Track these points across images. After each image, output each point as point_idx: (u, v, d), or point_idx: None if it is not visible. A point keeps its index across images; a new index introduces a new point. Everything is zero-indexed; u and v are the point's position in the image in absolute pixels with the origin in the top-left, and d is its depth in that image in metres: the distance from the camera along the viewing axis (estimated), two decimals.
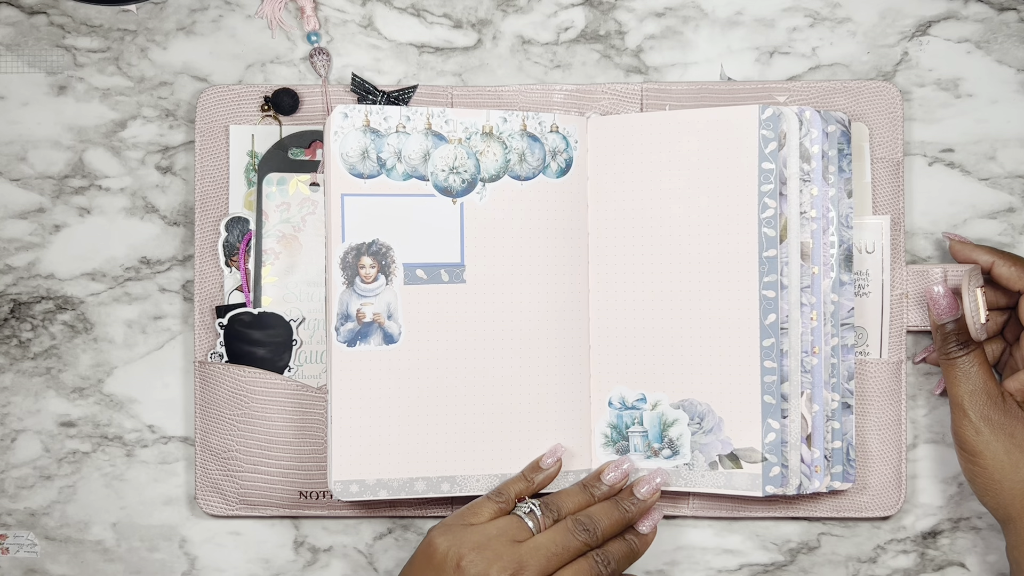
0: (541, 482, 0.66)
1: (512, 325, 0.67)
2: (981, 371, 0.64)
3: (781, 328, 0.65)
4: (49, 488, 0.72)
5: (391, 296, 0.65)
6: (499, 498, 0.64)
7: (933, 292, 0.65)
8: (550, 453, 0.66)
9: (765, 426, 0.65)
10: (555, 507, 0.63)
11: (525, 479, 0.66)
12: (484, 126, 0.66)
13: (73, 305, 0.72)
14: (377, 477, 0.65)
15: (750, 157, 0.65)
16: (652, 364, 0.67)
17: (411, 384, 0.65)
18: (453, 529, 0.61)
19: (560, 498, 0.64)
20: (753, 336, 0.65)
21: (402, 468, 0.65)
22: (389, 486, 0.65)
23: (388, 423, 0.65)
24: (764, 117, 0.65)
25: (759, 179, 0.65)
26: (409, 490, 0.65)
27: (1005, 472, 0.63)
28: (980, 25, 0.71)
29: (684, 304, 0.66)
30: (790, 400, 0.65)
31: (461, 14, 0.72)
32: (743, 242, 0.65)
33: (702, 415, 0.66)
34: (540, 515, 0.62)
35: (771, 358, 0.65)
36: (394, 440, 0.65)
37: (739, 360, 0.65)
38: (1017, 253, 0.71)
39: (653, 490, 0.65)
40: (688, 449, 0.66)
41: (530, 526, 0.62)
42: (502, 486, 0.65)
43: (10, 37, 0.72)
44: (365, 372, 0.65)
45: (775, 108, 0.65)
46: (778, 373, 0.65)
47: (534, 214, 0.67)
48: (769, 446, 0.65)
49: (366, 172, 0.65)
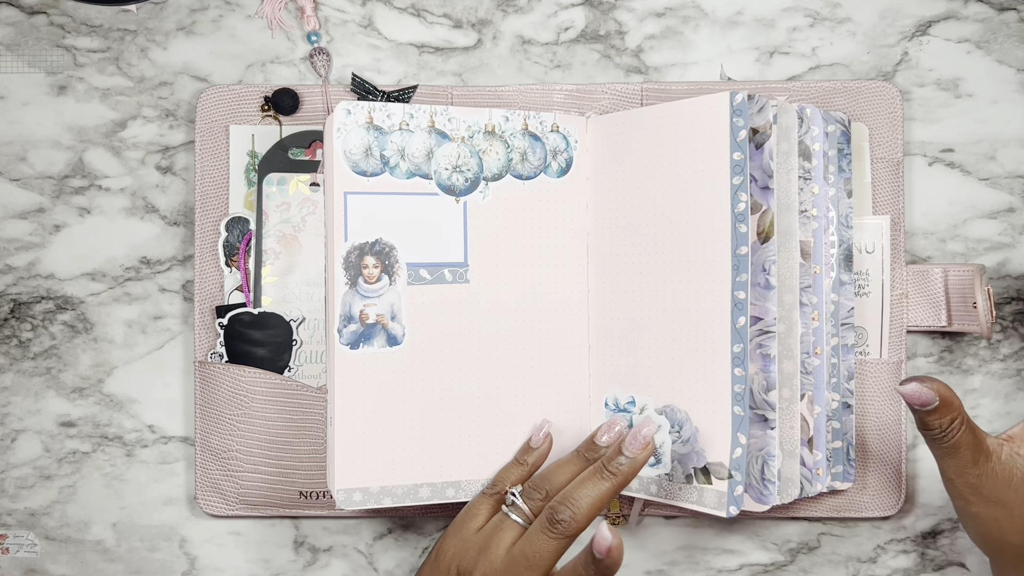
0: (534, 462, 0.65)
1: (515, 326, 0.66)
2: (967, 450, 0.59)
3: (767, 331, 0.62)
4: (49, 488, 0.72)
5: (394, 297, 0.64)
6: (493, 491, 0.63)
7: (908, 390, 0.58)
8: (538, 429, 0.65)
9: (734, 440, 0.61)
10: (544, 485, 0.61)
11: (519, 463, 0.65)
12: (487, 125, 0.66)
13: (73, 305, 0.72)
14: (381, 484, 0.63)
15: (722, 148, 0.61)
16: (639, 367, 0.65)
17: (415, 387, 0.64)
18: (456, 535, 0.61)
19: (551, 472, 0.62)
20: (724, 341, 0.61)
21: (406, 474, 0.64)
22: (393, 493, 0.64)
23: (392, 428, 0.64)
24: (736, 103, 0.61)
25: (731, 171, 0.61)
26: (414, 497, 0.64)
27: (993, 531, 0.60)
28: (980, 25, 0.71)
29: (667, 306, 0.64)
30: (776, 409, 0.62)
31: (461, 14, 0.72)
32: (717, 239, 0.61)
33: (681, 423, 0.63)
34: (522, 504, 0.60)
35: (741, 365, 0.61)
36: (398, 446, 0.64)
37: (711, 367, 0.62)
38: (1017, 253, 0.71)
39: (644, 443, 0.60)
40: (668, 459, 0.64)
41: (516, 520, 0.60)
42: (496, 476, 0.64)
43: (10, 37, 0.72)
44: (368, 375, 0.63)
45: (746, 93, 0.61)
46: (746, 382, 0.61)
47: (536, 214, 0.67)
48: (736, 462, 0.61)
49: (369, 170, 0.64)
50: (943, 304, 0.69)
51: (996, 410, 0.71)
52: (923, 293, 0.69)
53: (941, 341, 0.71)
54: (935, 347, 0.71)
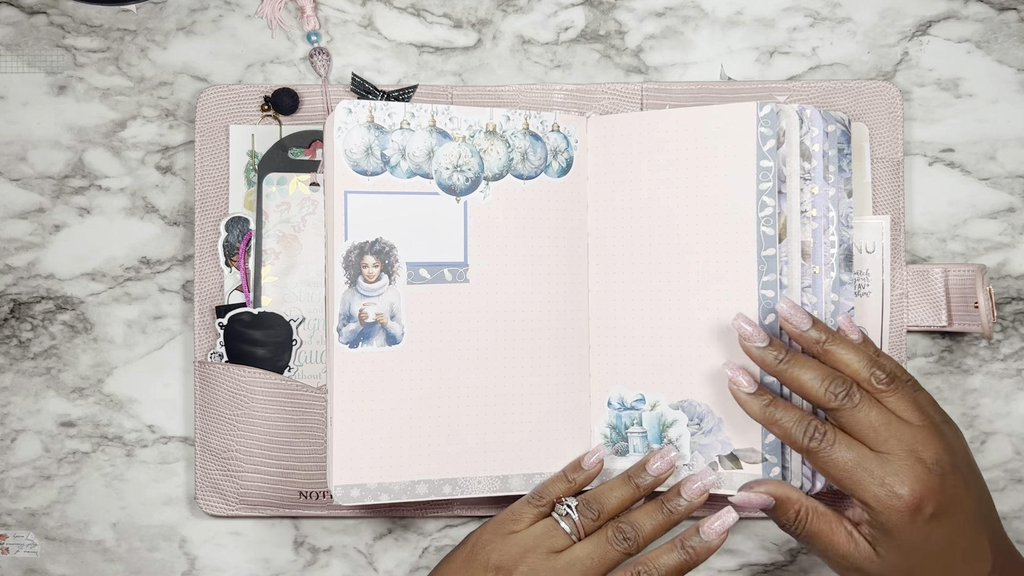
0: (582, 482, 0.65)
1: (515, 326, 0.66)
2: (825, 536, 0.59)
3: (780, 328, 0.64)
4: (49, 488, 0.72)
5: (394, 296, 0.64)
6: (539, 501, 0.63)
7: (739, 501, 0.60)
8: (592, 452, 0.65)
9: None
10: (596, 505, 0.62)
11: (566, 479, 0.65)
12: (488, 124, 0.66)
13: (73, 305, 0.72)
14: (378, 481, 0.64)
15: (748, 155, 0.64)
16: (651, 364, 0.67)
17: (413, 386, 0.64)
18: (496, 537, 0.61)
19: (602, 493, 0.63)
20: None
21: (403, 471, 0.64)
22: (391, 490, 0.64)
23: (390, 426, 0.64)
24: (762, 114, 0.64)
25: (757, 177, 0.64)
26: (411, 493, 0.64)
27: None
28: (980, 25, 0.71)
29: (683, 304, 0.66)
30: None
31: (461, 14, 0.72)
32: (742, 241, 0.64)
33: (701, 416, 0.66)
34: (577, 518, 0.61)
35: None
36: (395, 443, 0.64)
37: (739, 361, 0.64)
38: (1017, 253, 0.71)
39: (701, 491, 0.62)
40: (688, 450, 0.66)
41: (567, 530, 0.61)
42: (542, 487, 0.64)
43: (10, 37, 0.72)
44: (367, 374, 0.64)
45: (773, 105, 0.64)
46: None
47: (536, 214, 0.67)
48: (769, 446, 0.64)
49: (370, 169, 0.64)
50: (943, 304, 0.69)
51: (996, 410, 0.71)
52: (923, 293, 0.69)
53: (941, 341, 0.71)
54: (935, 347, 0.71)
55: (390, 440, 0.64)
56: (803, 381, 0.59)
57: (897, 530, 0.57)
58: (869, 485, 0.57)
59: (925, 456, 0.57)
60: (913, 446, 0.57)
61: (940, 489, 0.57)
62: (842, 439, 0.58)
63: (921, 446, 0.57)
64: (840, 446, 0.58)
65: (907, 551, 0.57)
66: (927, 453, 0.57)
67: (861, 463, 0.58)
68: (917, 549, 0.57)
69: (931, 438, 0.58)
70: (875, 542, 0.58)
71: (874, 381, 0.59)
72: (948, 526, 0.57)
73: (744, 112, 0.64)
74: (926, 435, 0.58)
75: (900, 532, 0.57)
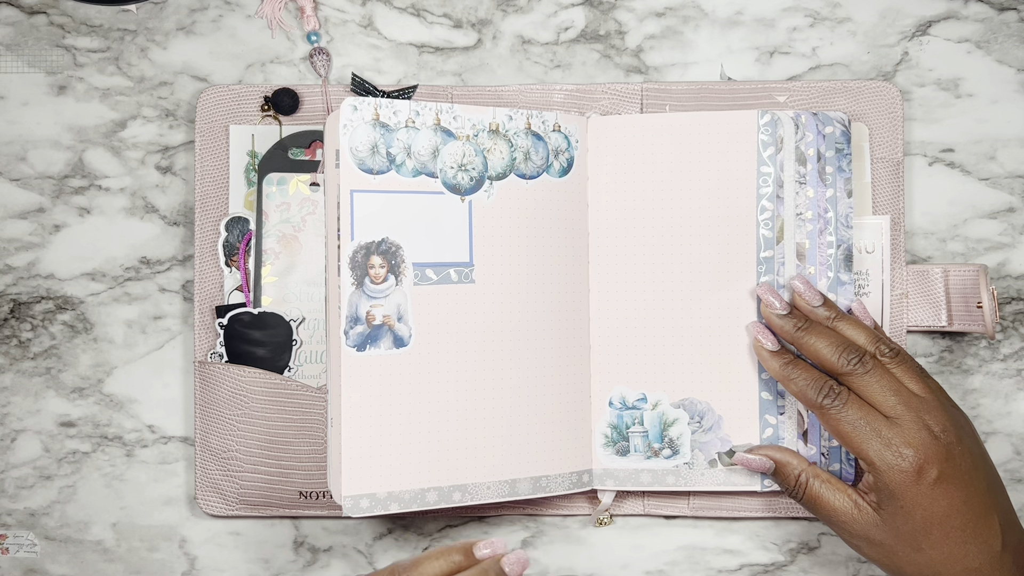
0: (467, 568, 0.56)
1: (519, 327, 0.66)
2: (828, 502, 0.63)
3: None
4: (49, 488, 0.72)
5: (401, 297, 0.63)
6: None
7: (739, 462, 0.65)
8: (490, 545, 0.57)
9: (762, 422, 0.66)
10: None
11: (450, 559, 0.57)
12: (491, 123, 0.66)
13: (73, 305, 0.72)
14: (388, 490, 0.62)
15: (749, 162, 0.66)
16: (653, 364, 0.67)
17: (422, 390, 0.63)
18: None
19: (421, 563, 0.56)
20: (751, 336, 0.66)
21: (413, 479, 0.63)
22: (400, 499, 0.62)
23: (399, 432, 0.62)
24: (763, 122, 0.66)
25: (758, 183, 0.66)
26: (421, 502, 0.63)
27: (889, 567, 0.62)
28: (980, 25, 0.71)
29: (683, 304, 0.67)
30: (786, 397, 0.66)
31: (461, 14, 0.72)
32: (742, 243, 0.66)
33: (702, 414, 0.67)
34: None
35: None
36: (404, 450, 0.62)
37: (737, 358, 0.66)
38: (1017, 253, 0.71)
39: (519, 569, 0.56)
40: (688, 448, 0.67)
41: None
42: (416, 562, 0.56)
43: (10, 37, 0.72)
44: (375, 378, 0.62)
45: (772, 113, 0.66)
46: None
47: (539, 213, 0.67)
48: (767, 441, 0.66)
49: (375, 168, 0.63)
50: (943, 304, 0.69)
51: (996, 410, 0.71)
52: (923, 293, 0.69)
53: (941, 341, 0.71)
54: (935, 347, 0.71)
55: (399, 447, 0.62)
56: (819, 348, 0.62)
57: (901, 491, 0.59)
58: (876, 445, 0.59)
59: (932, 425, 0.59)
60: (921, 415, 0.60)
61: (945, 457, 0.59)
62: (854, 400, 0.61)
63: (929, 416, 0.60)
64: (851, 406, 0.60)
65: (910, 515, 0.59)
66: (934, 422, 0.59)
67: (870, 423, 0.60)
68: (920, 514, 0.59)
69: (938, 410, 0.60)
70: (879, 507, 0.60)
71: (879, 355, 0.62)
72: (953, 496, 0.59)
73: (746, 120, 0.66)
74: (934, 407, 0.60)
75: (904, 494, 0.59)
